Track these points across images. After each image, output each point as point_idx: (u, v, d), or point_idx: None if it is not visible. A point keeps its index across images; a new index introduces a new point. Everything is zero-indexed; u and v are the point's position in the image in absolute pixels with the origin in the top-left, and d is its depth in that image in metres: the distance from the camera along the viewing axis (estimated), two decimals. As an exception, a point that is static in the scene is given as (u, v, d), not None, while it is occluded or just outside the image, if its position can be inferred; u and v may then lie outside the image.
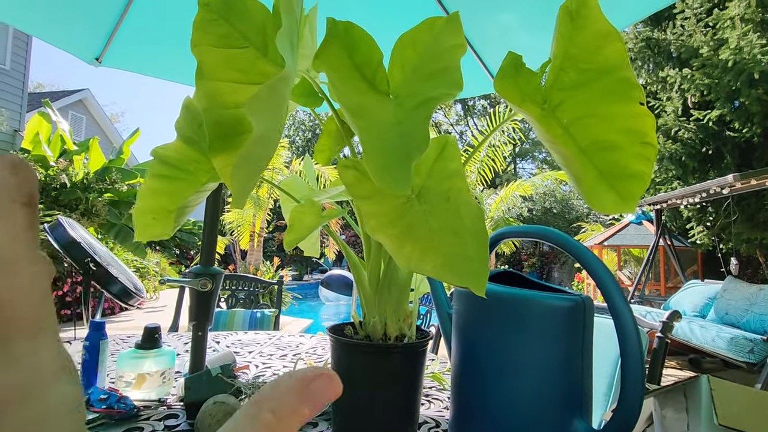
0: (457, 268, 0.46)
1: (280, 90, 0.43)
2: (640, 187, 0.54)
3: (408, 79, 0.48)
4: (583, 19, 0.54)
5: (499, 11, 1.75)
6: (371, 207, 0.50)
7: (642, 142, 0.54)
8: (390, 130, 0.42)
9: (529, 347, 0.57)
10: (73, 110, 11.75)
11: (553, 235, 0.61)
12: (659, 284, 6.34)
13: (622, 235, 7.03)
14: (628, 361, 0.50)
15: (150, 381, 0.86)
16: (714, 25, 5.24)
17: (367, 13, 1.84)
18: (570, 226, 11.87)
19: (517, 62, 0.48)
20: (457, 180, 0.51)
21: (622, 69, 0.54)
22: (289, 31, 0.44)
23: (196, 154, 0.59)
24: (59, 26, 1.92)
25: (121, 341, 1.35)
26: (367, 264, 0.72)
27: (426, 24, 0.49)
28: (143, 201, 0.59)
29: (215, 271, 0.89)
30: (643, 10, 1.41)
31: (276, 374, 1.05)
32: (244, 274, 2.47)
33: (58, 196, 5.92)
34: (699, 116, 5.47)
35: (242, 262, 8.72)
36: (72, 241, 1.61)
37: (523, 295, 0.57)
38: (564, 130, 0.57)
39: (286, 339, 1.51)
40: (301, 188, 0.91)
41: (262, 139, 0.42)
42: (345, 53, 0.48)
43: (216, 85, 0.51)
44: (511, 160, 20.16)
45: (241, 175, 0.42)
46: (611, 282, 0.53)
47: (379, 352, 0.70)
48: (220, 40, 0.52)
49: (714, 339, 3.37)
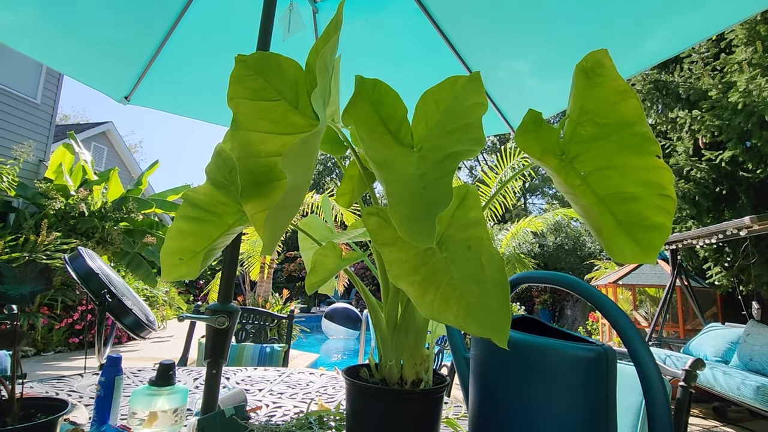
0: (479, 318, 0.47)
1: (312, 143, 0.45)
2: (661, 238, 0.55)
3: (431, 133, 0.50)
4: (599, 77, 0.57)
5: (510, 58, 1.82)
6: (393, 254, 0.51)
7: (661, 194, 0.55)
8: (413, 181, 0.44)
9: (551, 398, 0.56)
10: (96, 141, 12.20)
11: (573, 284, 0.61)
12: (677, 326, 6.12)
13: (636, 274, 6.88)
14: (655, 415, 0.49)
15: (162, 419, 0.85)
16: (721, 69, 5.33)
17: (392, 70, 1.93)
18: (582, 263, 11.68)
19: (537, 119, 0.50)
20: (479, 229, 0.52)
21: (638, 124, 0.56)
22: (323, 90, 0.47)
23: (224, 198, 0.62)
24: (91, 66, 2.04)
25: (132, 375, 1.35)
26: (385, 307, 0.72)
27: (448, 82, 0.52)
28: (172, 242, 0.61)
29: (232, 309, 0.90)
30: (649, 59, 1.46)
31: (287, 414, 1.03)
32: (254, 308, 2.46)
33: (76, 225, 6.06)
34: (711, 156, 5.47)
35: (251, 293, 8.69)
36: (90, 272, 1.64)
37: (544, 344, 0.57)
38: (582, 180, 0.58)
39: (295, 376, 1.49)
40: (319, 228, 0.93)
41: (295, 190, 0.45)
42: (372, 108, 0.51)
43: (250, 135, 0.54)
44: (521, 195, 20.18)
45: (273, 224, 0.44)
46: (633, 331, 0.52)
47: (397, 398, 0.69)
48: (254, 93, 0.56)
49: (739, 387, 3.21)
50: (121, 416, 0.94)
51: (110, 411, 0.84)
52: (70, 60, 1.99)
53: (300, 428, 0.80)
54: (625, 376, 0.98)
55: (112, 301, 1.60)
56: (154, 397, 0.86)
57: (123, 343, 6.15)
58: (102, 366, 0.96)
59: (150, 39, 1.88)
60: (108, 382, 0.84)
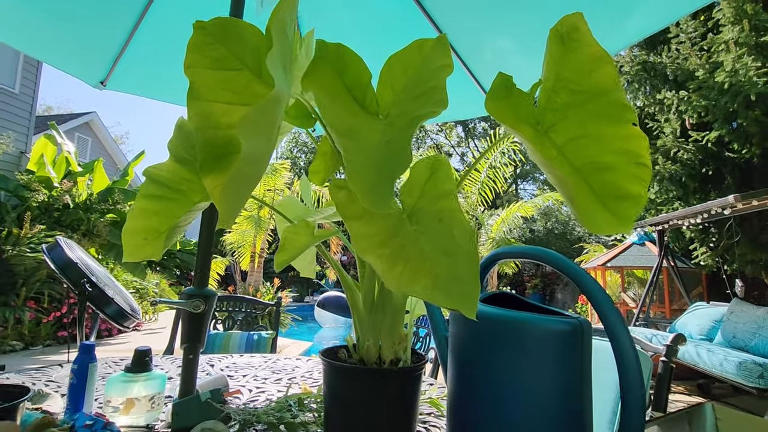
0: (448, 289, 0.45)
1: (270, 111, 0.43)
2: (635, 207, 0.54)
3: (398, 99, 0.48)
4: (574, 42, 0.55)
5: (496, 36, 1.79)
6: (362, 227, 0.49)
7: (636, 162, 0.54)
8: (379, 150, 0.42)
9: (526, 372, 0.55)
10: (80, 132, 11.94)
11: (549, 257, 0.60)
12: (664, 306, 6.25)
13: (624, 257, 6.98)
14: (628, 388, 0.48)
15: (139, 406, 0.83)
16: (709, 49, 5.34)
17: (363, 36, 1.88)
18: (572, 246, 11.81)
19: (508, 83, 0.48)
20: (450, 200, 0.51)
21: (614, 91, 0.54)
22: (281, 53, 0.45)
23: (188, 174, 0.59)
24: (65, 51, 1.97)
25: (114, 364, 1.33)
26: (362, 286, 0.71)
27: (415, 46, 0.50)
28: (134, 221, 0.58)
29: (208, 293, 0.88)
30: (635, 34, 1.44)
31: (269, 399, 1.02)
32: (241, 296, 2.44)
33: (60, 217, 5.95)
34: (698, 137, 5.51)
35: (242, 283, 8.67)
36: (69, 262, 1.60)
37: (519, 318, 0.56)
38: (558, 151, 0.56)
39: (282, 362, 1.48)
40: (296, 209, 0.91)
41: (252, 160, 0.42)
42: (336, 75, 0.48)
43: (209, 105, 0.51)
44: (512, 182, 20.25)
45: (230, 195, 0.42)
46: (608, 303, 0.51)
47: (374, 376, 0.68)
48: (214, 62, 0.53)
49: (722, 363, 3.29)
50: (98, 405, 0.92)
51: (84, 399, 0.82)
52: (44, 45, 1.92)
53: (279, 411, 0.79)
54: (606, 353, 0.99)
55: (92, 291, 1.57)
56: (129, 383, 0.84)
57: (114, 336, 6.11)
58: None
59: (123, 20, 1.81)
60: (81, 370, 0.82)
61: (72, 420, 0.76)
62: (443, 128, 21.67)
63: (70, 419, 0.77)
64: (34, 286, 5.07)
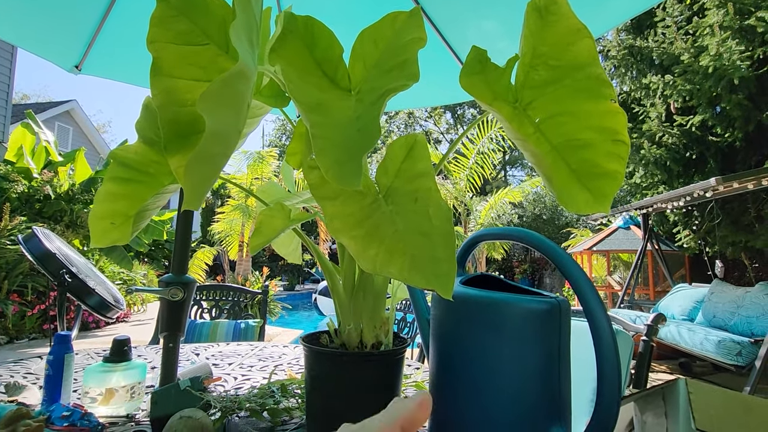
0: (424, 269, 0.45)
1: (235, 85, 0.41)
2: (613, 186, 0.53)
3: (370, 74, 0.46)
4: (553, 15, 0.53)
5: (481, 18, 1.76)
6: (336, 208, 0.48)
7: (614, 139, 0.53)
8: (349, 126, 0.41)
9: (504, 352, 0.55)
10: (60, 121, 11.62)
11: (527, 236, 0.59)
12: (648, 289, 6.38)
13: (610, 240, 7.09)
14: (603, 365, 0.48)
15: (118, 396, 0.82)
16: (694, 33, 5.36)
17: (344, 12, 1.84)
18: (560, 231, 11.95)
19: (482, 57, 0.47)
20: (426, 180, 0.50)
21: (592, 66, 0.53)
22: (246, 25, 0.42)
23: (157, 156, 0.57)
24: (39, 35, 1.89)
25: (96, 355, 1.31)
26: (342, 270, 0.70)
27: (388, 19, 0.48)
28: (101, 205, 0.56)
29: (187, 280, 0.86)
30: (620, 15, 1.43)
31: (254, 387, 1.01)
32: (227, 285, 2.42)
33: (42, 208, 5.81)
34: (682, 122, 5.57)
35: (231, 272, 8.62)
36: (46, 253, 1.56)
37: (497, 298, 0.55)
38: (536, 128, 0.55)
39: (268, 350, 1.48)
40: (276, 194, 0.89)
41: (217, 137, 0.40)
42: (305, 49, 0.46)
43: (173, 82, 0.49)
44: (501, 168, 20.32)
45: (194, 174, 0.40)
46: (585, 282, 0.51)
47: (355, 360, 0.67)
48: (179, 36, 0.50)
49: (702, 342, 3.38)
50: (77, 396, 0.91)
51: (61, 390, 0.80)
52: (15, 27, 1.84)
53: (261, 397, 0.78)
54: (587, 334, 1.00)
55: (72, 282, 1.54)
56: (108, 373, 0.83)
57: (101, 327, 6.05)
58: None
59: (96, 0, 1.74)
60: (57, 360, 0.80)
61: (48, 411, 0.74)
62: (432, 115, 21.57)
63: (47, 411, 0.75)
64: (17, 279, 4.98)
